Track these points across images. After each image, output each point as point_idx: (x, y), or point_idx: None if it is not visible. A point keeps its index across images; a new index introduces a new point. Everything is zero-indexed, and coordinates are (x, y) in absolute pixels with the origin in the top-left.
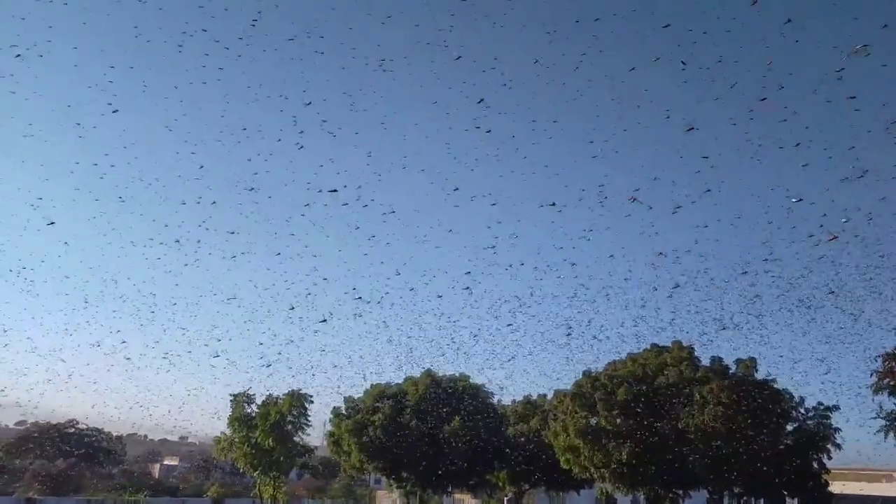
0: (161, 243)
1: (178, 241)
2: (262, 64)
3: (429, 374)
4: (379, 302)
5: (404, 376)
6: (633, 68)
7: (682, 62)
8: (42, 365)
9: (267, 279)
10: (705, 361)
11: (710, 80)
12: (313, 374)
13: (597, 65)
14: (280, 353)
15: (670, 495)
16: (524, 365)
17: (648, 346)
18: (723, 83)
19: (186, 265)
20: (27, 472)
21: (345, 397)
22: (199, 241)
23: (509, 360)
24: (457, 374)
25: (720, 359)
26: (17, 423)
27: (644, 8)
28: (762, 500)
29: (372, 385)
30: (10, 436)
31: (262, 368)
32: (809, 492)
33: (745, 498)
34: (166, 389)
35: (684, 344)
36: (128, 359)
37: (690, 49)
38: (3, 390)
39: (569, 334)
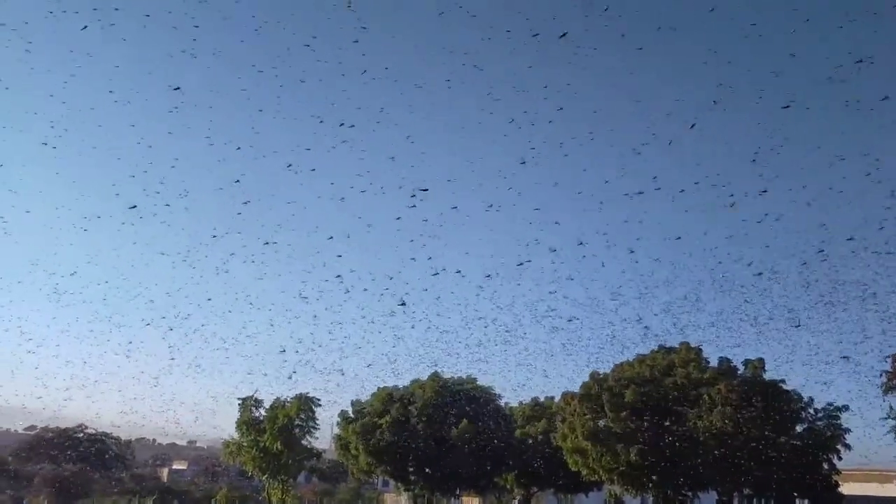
0: (196, 246)
1: (214, 236)
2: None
3: (436, 376)
4: (403, 304)
5: (411, 379)
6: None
7: (714, 101)
8: (70, 372)
9: (294, 286)
10: (713, 362)
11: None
12: (336, 385)
13: (629, 75)
14: (314, 350)
15: (679, 497)
16: (544, 366)
17: (656, 348)
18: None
19: (217, 273)
20: (37, 477)
21: (352, 401)
22: (232, 254)
23: (552, 355)
24: (464, 377)
25: (728, 360)
26: (26, 429)
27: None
28: (772, 502)
29: (379, 388)
30: (19, 441)
31: (295, 372)
32: (820, 493)
33: (754, 499)
34: (193, 396)
35: (692, 345)
36: (172, 359)
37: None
38: (40, 397)
39: (644, 323)
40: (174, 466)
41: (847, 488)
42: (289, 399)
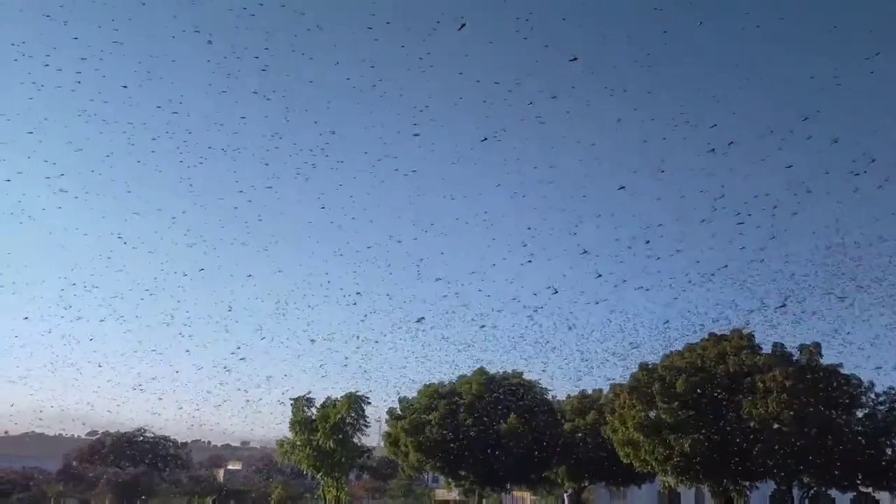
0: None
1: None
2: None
3: (482, 371)
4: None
5: (458, 375)
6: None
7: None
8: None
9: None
10: (767, 349)
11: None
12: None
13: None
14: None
15: (736, 487)
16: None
17: (706, 336)
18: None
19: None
20: (101, 480)
21: (399, 398)
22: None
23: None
24: (510, 371)
25: (782, 345)
26: (88, 434)
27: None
28: (834, 490)
29: (425, 385)
30: (82, 446)
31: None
32: (884, 479)
33: (814, 488)
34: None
35: (744, 331)
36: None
37: None
38: (145, 409)
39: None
40: (230, 467)
41: None
42: (339, 398)
